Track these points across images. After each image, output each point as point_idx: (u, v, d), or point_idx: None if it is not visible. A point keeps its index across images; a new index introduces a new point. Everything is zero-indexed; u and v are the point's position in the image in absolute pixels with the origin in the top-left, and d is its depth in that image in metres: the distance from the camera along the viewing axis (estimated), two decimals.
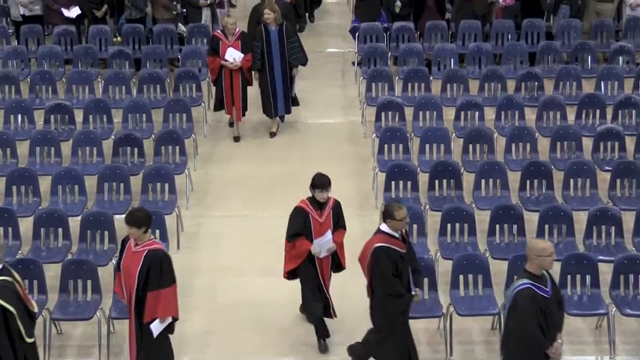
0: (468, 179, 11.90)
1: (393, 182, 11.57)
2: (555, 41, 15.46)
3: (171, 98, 13.79)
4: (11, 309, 7.93)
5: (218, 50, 13.55)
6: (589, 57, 15.02)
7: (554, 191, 11.56)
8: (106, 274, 10.11)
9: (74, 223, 10.79)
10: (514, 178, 11.75)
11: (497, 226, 10.66)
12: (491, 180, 11.58)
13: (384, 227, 8.77)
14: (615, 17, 16.27)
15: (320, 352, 9.63)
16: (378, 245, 8.68)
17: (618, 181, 11.61)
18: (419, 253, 10.14)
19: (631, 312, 9.54)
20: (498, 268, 10.14)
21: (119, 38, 15.81)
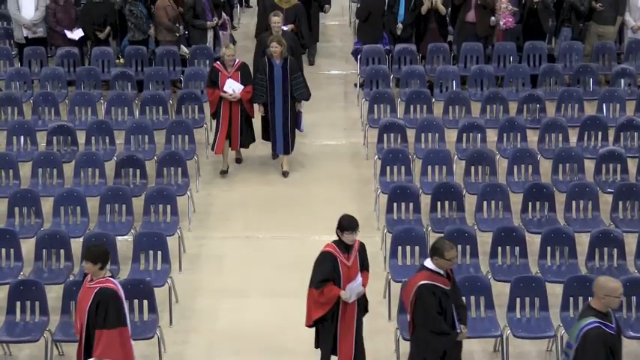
0: (470, 201, 11.90)
1: (395, 204, 11.57)
2: (557, 64, 15.49)
3: (174, 120, 13.82)
4: None
5: (217, 82, 13.24)
6: (591, 79, 15.04)
7: (557, 213, 11.55)
8: None
9: (76, 245, 10.79)
10: (516, 200, 11.75)
11: (500, 248, 10.65)
12: (493, 202, 11.58)
13: (429, 264, 8.54)
14: (617, 40, 16.30)
15: None
16: (423, 283, 8.46)
17: (620, 203, 11.60)
18: None
19: (633, 334, 9.52)
20: (500, 290, 10.13)
21: (122, 60, 15.85)
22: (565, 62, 15.62)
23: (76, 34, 15.77)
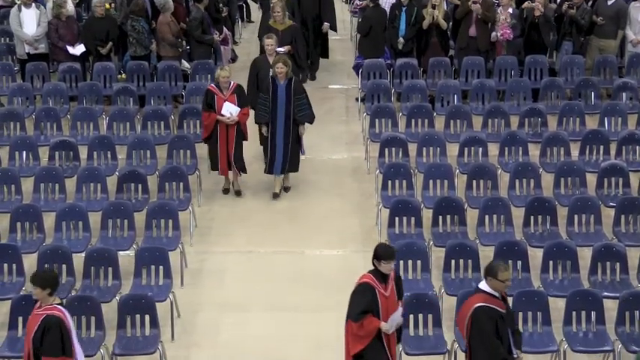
0: (471, 215, 11.90)
1: (396, 218, 11.57)
2: (558, 77, 15.51)
3: (176, 135, 13.83)
4: None
5: (213, 105, 12.96)
6: (592, 93, 15.05)
7: (559, 227, 11.54)
8: (109, 311, 10.09)
9: (78, 260, 10.78)
10: (518, 214, 11.74)
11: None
12: (495, 216, 11.57)
13: (484, 286, 8.45)
14: (618, 54, 16.32)
15: None
16: (479, 305, 8.35)
17: (623, 217, 11.59)
18: (422, 289, 10.16)
19: (637, 349, 9.46)
20: None
21: (124, 75, 15.89)
22: (566, 76, 15.63)
23: (78, 49, 15.80)
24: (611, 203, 12.05)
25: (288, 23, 15.43)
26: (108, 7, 16.09)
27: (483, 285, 8.47)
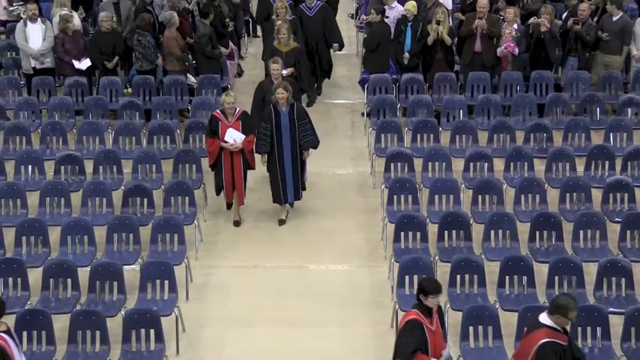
0: (477, 230, 11.89)
1: (402, 233, 11.56)
2: (564, 93, 15.51)
3: (181, 149, 13.84)
4: None
5: (217, 131, 12.70)
6: (598, 108, 15.06)
7: (564, 242, 11.53)
8: (114, 325, 10.08)
9: (83, 274, 10.78)
10: (523, 229, 11.73)
11: (507, 277, 10.62)
12: (500, 231, 11.56)
13: (547, 320, 8.42)
14: (623, 69, 16.33)
15: None
16: (545, 341, 8.31)
17: (628, 232, 11.58)
18: None
19: None
20: (508, 320, 10.09)
21: (130, 89, 15.93)
22: (572, 92, 15.64)
23: (84, 64, 15.84)
24: (616, 219, 12.04)
25: (292, 45, 15.37)
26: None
27: (545, 319, 8.44)
